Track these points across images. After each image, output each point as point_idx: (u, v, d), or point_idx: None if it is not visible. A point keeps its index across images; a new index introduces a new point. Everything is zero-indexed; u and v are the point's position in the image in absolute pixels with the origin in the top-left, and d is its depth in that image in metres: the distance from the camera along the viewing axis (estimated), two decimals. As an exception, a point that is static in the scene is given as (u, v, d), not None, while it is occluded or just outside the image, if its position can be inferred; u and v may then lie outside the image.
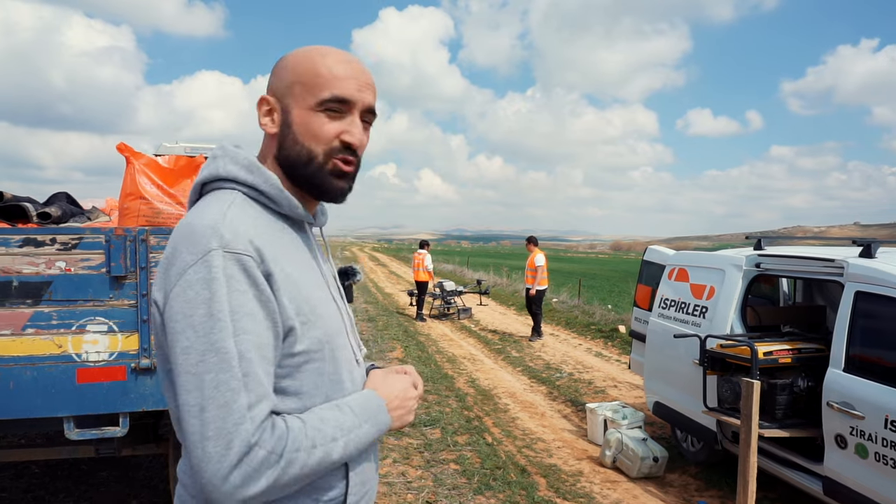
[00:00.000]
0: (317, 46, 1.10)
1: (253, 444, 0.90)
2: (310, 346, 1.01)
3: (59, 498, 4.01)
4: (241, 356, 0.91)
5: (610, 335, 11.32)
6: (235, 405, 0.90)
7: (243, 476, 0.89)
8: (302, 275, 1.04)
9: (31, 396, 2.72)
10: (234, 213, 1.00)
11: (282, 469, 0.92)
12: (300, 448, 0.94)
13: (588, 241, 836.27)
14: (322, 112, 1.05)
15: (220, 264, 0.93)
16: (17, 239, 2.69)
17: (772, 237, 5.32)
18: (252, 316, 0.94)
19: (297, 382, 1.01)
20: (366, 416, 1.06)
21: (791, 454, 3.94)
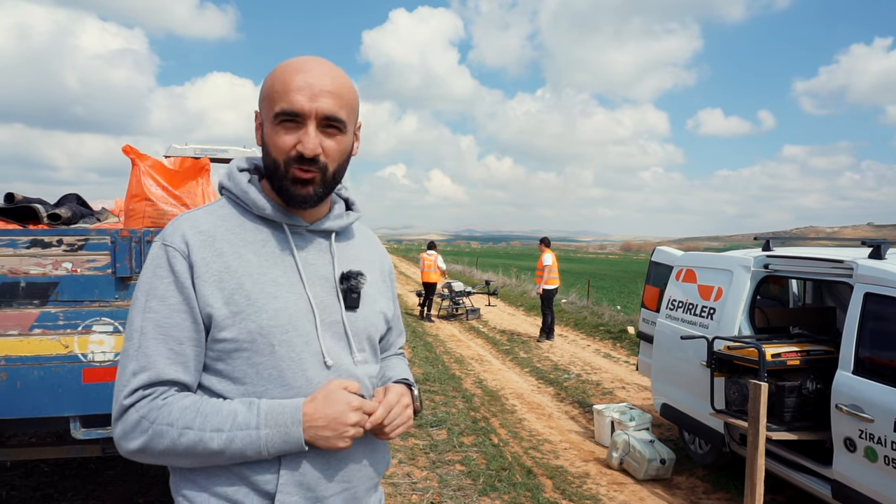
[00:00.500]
0: (291, 59, 1.15)
1: (127, 405, 1.05)
2: (238, 335, 1.09)
3: (67, 496, 4.05)
4: (142, 331, 1.07)
5: (618, 336, 11.27)
6: (126, 370, 1.07)
7: (122, 430, 1.06)
8: (253, 269, 1.12)
9: (39, 396, 2.74)
10: (198, 213, 1.17)
11: (150, 437, 1.04)
12: (172, 424, 1.04)
13: (598, 241, 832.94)
14: (279, 125, 1.12)
15: (153, 253, 1.12)
16: (25, 240, 2.72)
17: (784, 237, 5.27)
18: (162, 298, 1.08)
19: (229, 367, 1.11)
20: (270, 421, 1.06)
21: (799, 457, 3.90)
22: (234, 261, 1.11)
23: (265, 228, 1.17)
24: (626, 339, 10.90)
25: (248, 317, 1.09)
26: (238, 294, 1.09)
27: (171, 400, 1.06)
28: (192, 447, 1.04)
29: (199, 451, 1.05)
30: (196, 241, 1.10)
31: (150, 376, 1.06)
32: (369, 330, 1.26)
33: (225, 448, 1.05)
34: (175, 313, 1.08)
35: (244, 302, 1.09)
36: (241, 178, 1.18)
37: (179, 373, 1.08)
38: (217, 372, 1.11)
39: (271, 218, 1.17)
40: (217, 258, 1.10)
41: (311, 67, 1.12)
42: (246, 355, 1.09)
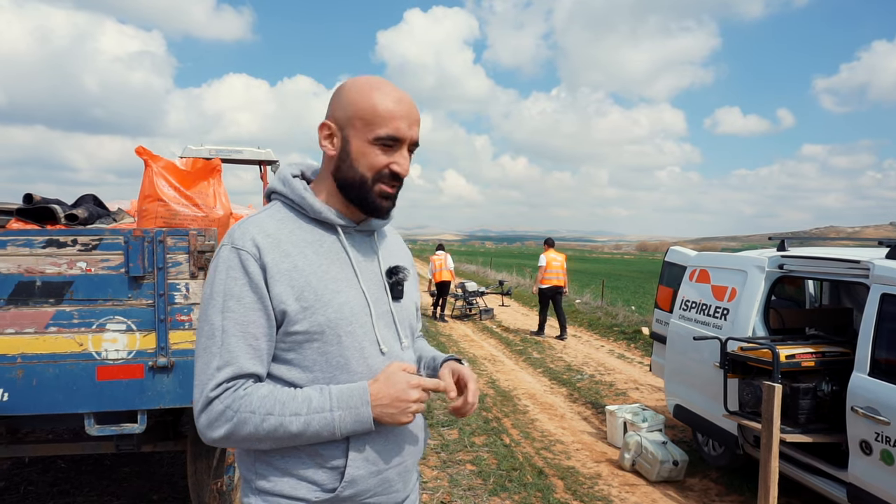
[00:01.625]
0: (374, 80, 1.27)
1: (212, 397, 1.15)
2: (310, 327, 1.20)
3: (83, 492, 4.12)
4: (223, 329, 1.17)
5: (633, 337, 11.19)
6: (210, 366, 1.17)
7: (207, 420, 1.16)
8: (316, 268, 1.24)
9: (54, 393, 2.79)
10: (260, 217, 1.27)
11: (234, 424, 1.14)
12: (254, 411, 1.15)
13: (614, 241, 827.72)
14: (377, 146, 1.24)
15: (225, 256, 1.21)
16: (41, 240, 2.77)
17: (803, 237, 5.21)
18: (238, 298, 1.18)
19: (300, 357, 1.21)
20: (342, 404, 1.18)
21: (814, 460, 3.85)
22: (300, 261, 1.22)
23: (319, 230, 1.29)
24: (640, 339, 10.83)
25: (317, 311, 1.20)
26: (307, 291, 1.20)
27: (251, 390, 1.17)
28: (273, 431, 1.15)
29: (280, 435, 1.16)
30: (265, 244, 1.20)
31: (234, 370, 1.16)
32: (410, 319, 1.41)
33: (303, 430, 1.16)
34: (251, 312, 1.18)
35: (313, 297, 1.21)
36: (298, 184, 1.29)
37: (257, 366, 1.19)
38: (288, 361, 1.22)
39: (327, 220, 1.29)
40: (285, 258, 1.21)
41: (404, 98, 1.26)
42: (317, 345, 1.21)
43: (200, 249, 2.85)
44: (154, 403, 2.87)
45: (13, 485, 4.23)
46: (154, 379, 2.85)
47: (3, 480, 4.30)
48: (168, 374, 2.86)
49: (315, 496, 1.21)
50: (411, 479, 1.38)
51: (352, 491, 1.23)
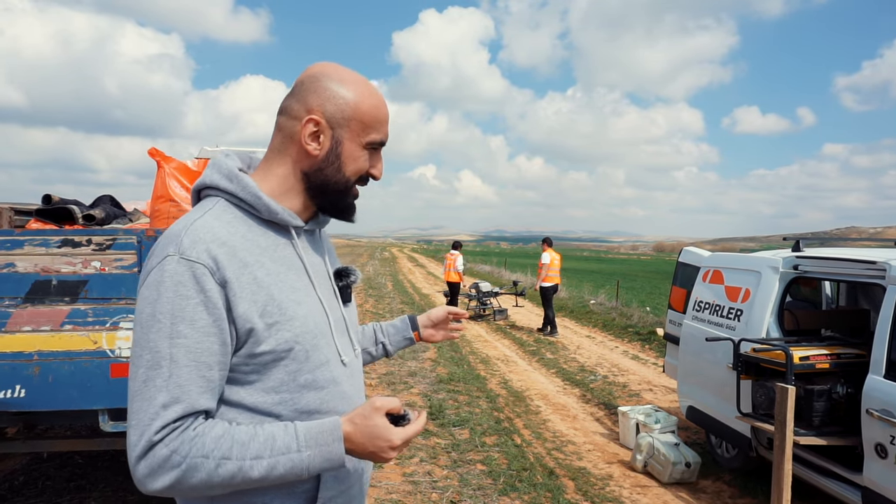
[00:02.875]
0: (358, 76, 1.17)
1: (156, 441, 0.96)
2: (276, 346, 1.06)
3: (98, 487, 4.19)
4: (172, 358, 0.98)
5: (647, 338, 11.11)
6: (154, 402, 0.97)
7: (147, 468, 0.96)
8: (275, 278, 1.10)
9: (69, 389, 2.85)
10: (206, 220, 1.07)
11: (183, 471, 0.96)
12: (208, 456, 0.97)
13: (630, 242, 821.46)
14: (368, 150, 1.18)
15: (172, 269, 1.00)
16: (56, 240, 2.83)
17: (823, 238, 5.14)
18: (191, 322, 0.99)
19: (264, 378, 1.08)
20: (311, 442, 1.03)
21: (829, 463, 3.80)
22: (258, 271, 1.07)
23: (271, 232, 1.14)
24: (654, 340, 10.75)
25: (282, 327, 1.07)
26: (270, 305, 1.06)
27: (202, 430, 0.99)
28: (231, 478, 0.99)
29: (238, 482, 1.00)
30: (223, 255, 1.03)
31: (184, 408, 0.98)
32: (356, 322, 1.34)
33: (267, 475, 1.00)
34: (205, 337, 1.00)
35: (277, 313, 1.07)
36: (249, 181, 1.13)
37: (209, 401, 1.02)
38: (250, 384, 1.07)
39: (281, 222, 1.15)
40: (244, 270, 1.05)
41: (384, 101, 1.20)
42: (284, 364, 1.08)
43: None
44: (166, 400, 2.91)
45: (31, 479, 4.31)
46: (166, 376, 2.90)
47: (22, 475, 4.39)
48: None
49: None
50: (366, 491, 1.32)
51: None
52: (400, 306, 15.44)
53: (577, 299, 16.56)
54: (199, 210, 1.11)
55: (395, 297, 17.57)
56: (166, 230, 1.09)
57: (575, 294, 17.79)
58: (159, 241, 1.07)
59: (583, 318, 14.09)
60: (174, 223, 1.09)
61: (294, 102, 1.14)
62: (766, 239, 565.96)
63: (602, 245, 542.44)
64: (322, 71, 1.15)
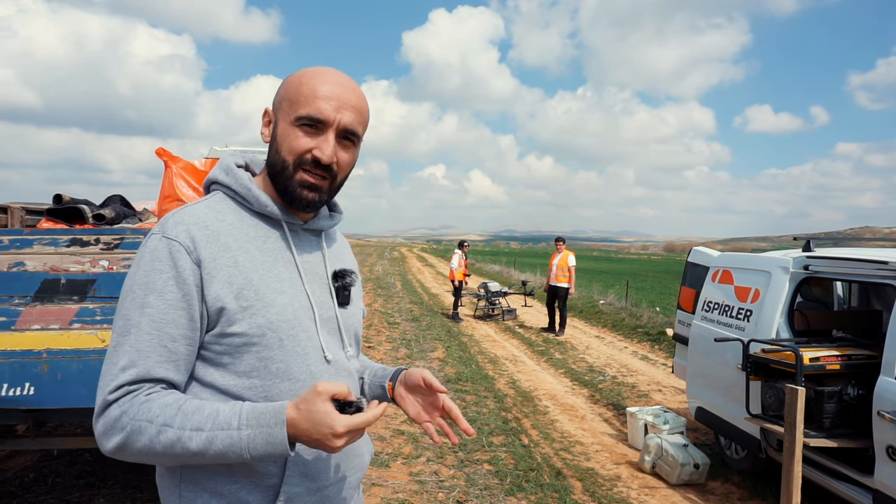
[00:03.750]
0: (316, 68, 1.18)
1: (110, 401, 1.02)
2: (248, 329, 1.09)
3: (107, 484, 4.22)
4: (137, 325, 1.05)
5: (657, 338, 11.06)
6: (116, 365, 1.04)
7: (102, 427, 1.02)
8: (258, 265, 1.14)
9: (77, 387, 2.86)
10: (196, 207, 1.16)
11: (128, 434, 1.01)
12: (152, 420, 1.00)
13: (641, 242, 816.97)
14: (298, 127, 1.14)
15: (152, 246, 1.09)
16: (65, 239, 2.85)
17: (836, 238, 5.09)
18: (160, 293, 1.06)
19: (237, 361, 1.10)
20: (252, 421, 1.01)
21: (839, 465, 3.76)
22: (240, 256, 1.12)
23: (264, 225, 1.19)
24: (664, 341, 10.69)
25: (257, 311, 1.09)
26: (247, 289, 1.10)
27: (154, 396, 1.03)
28: (171, 447, 1.00)
29: (178, 452, 1.00)
30: (201, 237, 1.09)
31: (138, 372, 1.03)
32: (356, 326, 1.33)
33: (205, 449, 1.00)
34: (172, 309, 1.05)
35: (253, 297, 1.10)
36: (242, 175, 1.20)
37: (170, 371, 1.06)
38: (223, 366, 1.10)
39: (271, 215, 1.19)
40: (224, 253, 1.10)
41: (339, 81, 1.16)
42: (255, 349, 1.10)
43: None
44: (173, 399, 2.93)
45: (42, 476, 4.35)
46: (173, 375, 2.91)
47: (32, 472, 4.43)
48: (187, 371, 2.92)
49: None
50: (353, 497, 1.29)
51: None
52: (408, 306, 15.45)
53: (586, 299, 16.49)
54: (199, 201, 1.20)
55: (403, 297, 17.58)
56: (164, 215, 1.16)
57: (584, 294, 17.72)
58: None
59: (592, 319, 14.03)
60: (172, 210, 1.16)
61: None
62: (777, 239, 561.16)
63: (612, 245, 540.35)
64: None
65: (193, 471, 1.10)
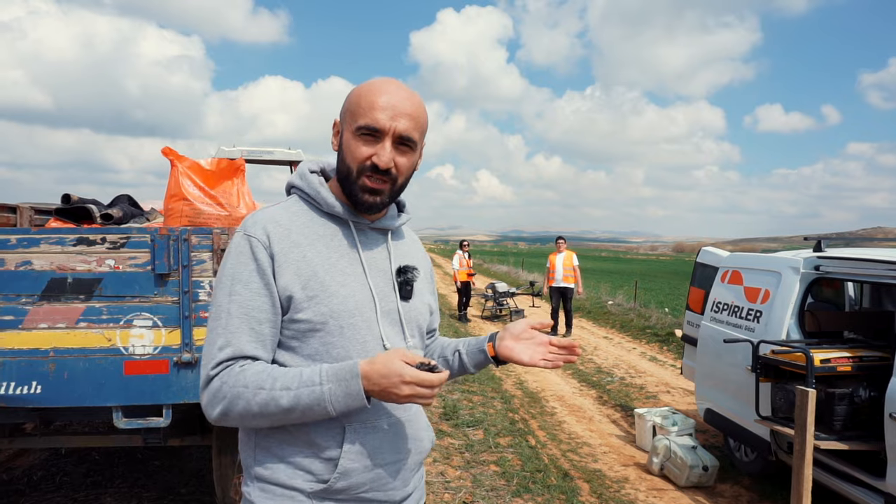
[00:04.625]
0: (377, 80, 1.29)
1: (212, 375, 1.18)
2: (313, 316, 1.22)
3: (114, 483, 4.24)
4: (228, 311, 1.20)
5: (666, 339, 10.98)
6: (214, 345, 1.20)
7: (207, 398, 1.19)
8: (325, 260, 1.26)
9: (83, 386, 2.88)
10: (274, 209, 1.31)
11: (229, 401, 1.17)
12: (247, 385, 1.16)
13: (649, 242, 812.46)
14: (359, 137, 1.25)
15: (237, 242, 1.25)
16: (72, 238, 2.85)
17: (848, 238, 5.04)
18: (245, 283, 1.21)
19: (303, 345, 1.24)
20: (331, 377, 1.16)
21: (851, 468, 3.71)
22: (309, 251, 1.25)
23: (332, 224, 1.32)
24: (673, 342, 10.61)
25: (321, 301, 1.23)
26: (313, 280, 1.23)
27: (247, 367, 1.19)
28: (265, 405, 1.15)
29: (272, 410, 1.16)
30: (275, 233, 1.24)
31: (233, 350, 1.19)
32: (419, 319, 1.41)
33: (294, 404, 1.15)
34: (256, 297, 1.21)
35: (318, 287, 1.23)
36: (314, 179, 1.33)
37: (258, 350, 1.21)
38: (292, 349, 1.24)
39: (339, 215, 1.32)
40: (294, 248, 1.24)
41: (394, 91, 1.26)
42: (319, 335, 1.23)
43: (224, 248, 2.90)
44: (179, 398, 2.93)
45: (49, 475, 4.38)
46: (179, 374, 2.92)
47: (40, 470, 4.46)
48: (192, 370, 2.92)
49: (309, 486, 1.22)
50: (412, 479, 1.37)
51: (344, 483, 1.23)
52: (416, 306, 15.44)
53: (594, 300, 16.42)
54: (276, 203, 1.35)
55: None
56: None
57: (592, 295, 17.64)
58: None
59: (600, 319, 13.97)
60: (253, 212, 1.35)
61: None
62: (788, 239, 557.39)
63: (620, 245, 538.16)
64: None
65: (266, 439, 1.25)
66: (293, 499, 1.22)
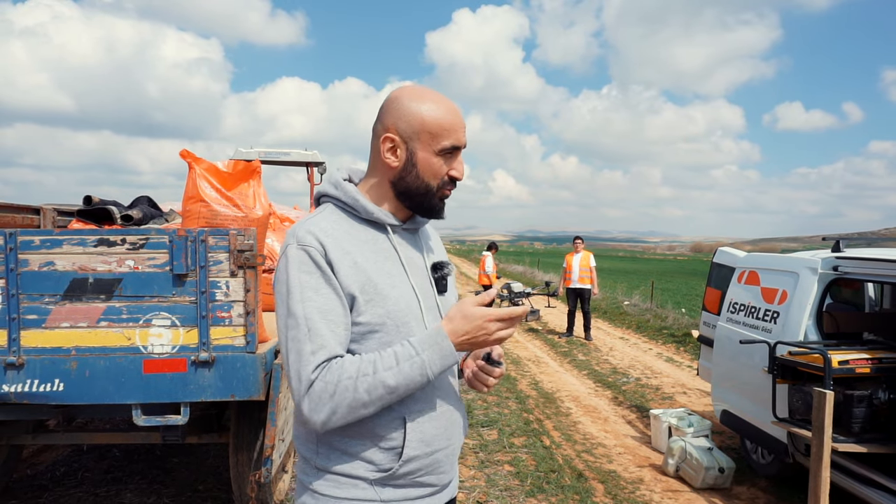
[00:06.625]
0: (428, 92, 1.35)
1: (313, 379, 1.20)
2: (371, 319, 1.27)
3: (133, 479, 4.32)
4: (307, 317, 1.23)
5: (682, 340, 10.90)
6: (304, 351, 1.21)
7: (310, 403, 1.21)
8: (372, 264, 1.31)
9: (104, 384, 2.94)
10: (316, 219, 1.33)
11: (336, 397, 1.20)
12: (350, 376, 1.20)
13: (667, 242, 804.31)
14: (441, 156, 1.33)
15: (293, 254, 1.27)
16: (93, 239, 2.92)
17: (870, 238, 4.97)
18: (315, 289, 1.24)
19: (362, 346, 1.28)
20: (424, 346, 1.24)
21: (869, 471, 3.66)
22: (358, 258, 1.29)
23: (371, 229, 1.37)
24: (689, 343, 10.53)
25: (377, 304, 1.28)
26: (368, 285, 1.28)
27: (342, 362, 1.23)
28: (373, 389, 1.20)
29: (380, 392, 1.21)
30: (328, 242, 1.27)
31: (327, 352, 1.22)
32: (445, 307, 1.46)
33: (399, 381, 1.21)
34: (329, 301, 1.24)
35: (373, 291, 1.28)
36: (350, 188, 1.37)
37: (341, 349, 1.25)
38: (351, 351, 1.28)
39: (378, 220, 1.36)
40: (346, 256, 1.28)
41: (456, 108, 1.35)
42: (378, 335, 1.28)
43: (240, 248, 2.94)
44: (196, 396, 2.98)
45: (72, 471, 4.47)
46: (196, 373, 2.97)
47: (63, 466, 4.55)
48: (209, 369, 2.96)
49: (372, 475, 1.29)
50: (455, 464, 1.46)
51: (407, 469, 1.31)
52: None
53: (610, 300, 16.33)
54: (313, 213, 1.38)
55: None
56: (288, 230, 1.37)
57: (609, 295, 17.55)
58: (284, 241, 1.34)
59: (616, 320, 13.90)
60: (293, 225, 1.34)
61: (377, 124, 1.36)
62: (808, 239, 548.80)
63: (638, 245, 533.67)
64: (398, 94, 1.36)
65: (328, 434, 1.30)
66: (356, 486, 1.29)
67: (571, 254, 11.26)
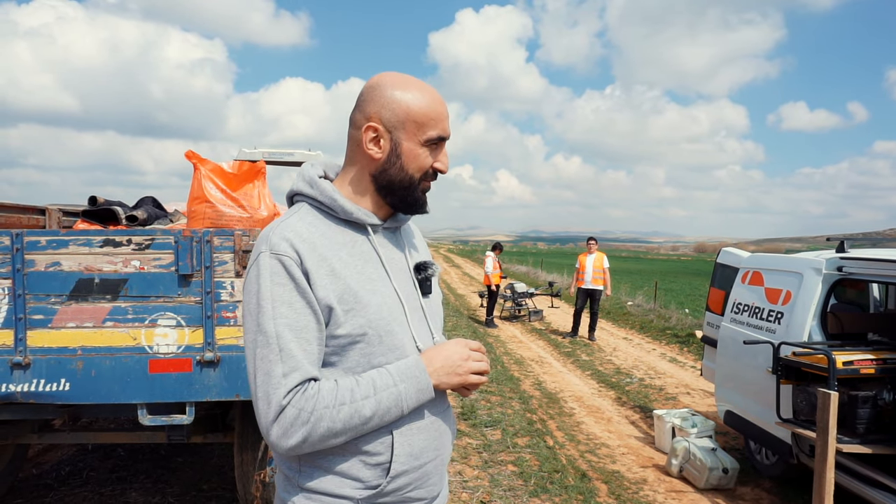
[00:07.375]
0: (412, 80, 1.27)
1: (285, 405, 1.12)
2: (352, 330, 1.19)
3: (138, 479, 4.33)
4: (278, 335, 1.14)
5: (686, 340, 10.88)
6: (274, 374, 1.13)
7: (280, 430, 1.12)
8: (352, 270, 1.22)
9: (110, 383, 2.95)
10: (291, 221, 1.23)
11: (311, 425, 1.12)
12: (327, 405, 1.13)
13: (671, 242, 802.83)
14: (427, 146, 1.26)
15: (266, 263, 1.17)
16: (99, 240, 2.93)
17: (875, 238, 4.96)
18: (289, 303, 1.15)
19: (342, 359, 1.21)
20: (403, 376, 1.20)
21: (874, 472, 3.66)
22: (336, 263, 1.21)
23: (349, 230, 1.28)
24: (693, 343, 10.51)
25: (357, 313, 1.19)
26: (346, 294, 1.19)
27: (317, 387, 1.15)
28: (349, 419, 1.15)
29: (355, 423, 1.15)
30: (304, 249, 1.18)
31: (300, 375, 1.14)
32: (439, 313, 1.43)
33: (375, 410, 1.16)
34: (302, 316, 1.15)
35: (352, 300, 1.19)
36: (326, 186, 1.27)
37: (316, 370, 1.17)
38: (331, 364, 1.21)
39: (357, 221, 1.28)
40: (323, 263, 1.19)
41: (438, 96, 1.28)
42: (360, 347, 1.20)
43: (245, 249, 2.95)
44: (201, 396, 2.99)
45: (77, 470, 4.49)
46: (202, 373, 2.98)
47: (68, 465, 4.57)
48: (214, 369, 2.98)
49: (359, 493, 1.21)
50: (445, 474, 1.40)
51: (395, 485, 1.24)
52: (435, 306, 15.44)
53: (614, 301, 16.32)
54: (287, 214, 1.28)
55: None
56: (261, 232, 1.29)
57: (612, 295, 17.52)
58: (255, 243, 1.27)
59: (620, 320, 13.89)
60: (266, 226, 1.26)
61: (357, 113, 1.27)
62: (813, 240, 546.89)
63: (641, 245, 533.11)
64: (379, 81, 1.26)
65: (312, 454, 1.22)
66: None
67: (585, 254, 11.26)
